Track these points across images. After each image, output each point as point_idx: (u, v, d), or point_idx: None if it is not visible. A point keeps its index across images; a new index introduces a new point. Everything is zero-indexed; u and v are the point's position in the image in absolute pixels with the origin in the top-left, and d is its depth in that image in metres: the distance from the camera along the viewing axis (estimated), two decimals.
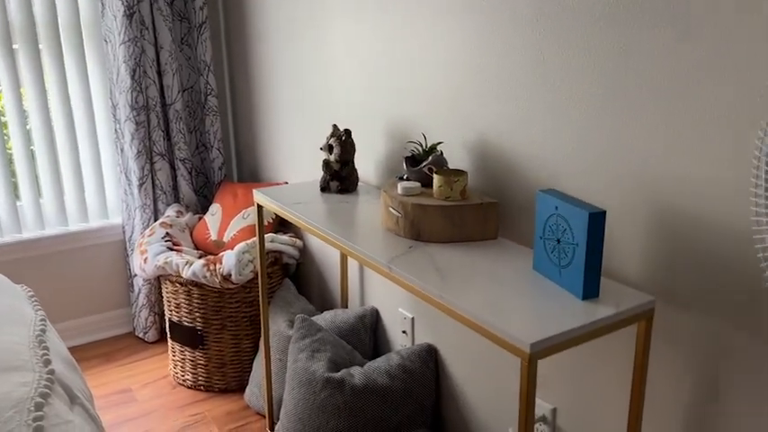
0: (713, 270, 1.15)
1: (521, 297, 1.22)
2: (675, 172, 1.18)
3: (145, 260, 2.38)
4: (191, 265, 2.27)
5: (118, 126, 2.62)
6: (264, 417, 2.24)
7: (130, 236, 2.72)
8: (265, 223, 2.47)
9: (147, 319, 2.73)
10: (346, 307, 2.28)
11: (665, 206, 1.21)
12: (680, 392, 1.25)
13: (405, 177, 1.63)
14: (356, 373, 1.88)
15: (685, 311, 1.21)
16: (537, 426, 1.58)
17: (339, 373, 1.87)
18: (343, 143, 1.81)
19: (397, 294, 2.02)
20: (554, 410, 1.53)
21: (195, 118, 2.77)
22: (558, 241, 1.23)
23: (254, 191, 1.91)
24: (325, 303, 2.42)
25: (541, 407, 1.55)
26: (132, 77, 2.50)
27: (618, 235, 1.31)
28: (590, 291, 1.20)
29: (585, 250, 1.16)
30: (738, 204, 1.09)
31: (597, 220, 1.15)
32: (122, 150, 2.64)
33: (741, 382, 1.14)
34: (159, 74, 2.60)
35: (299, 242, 2.45)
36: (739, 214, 1.09)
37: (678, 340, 1.23)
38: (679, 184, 1.18)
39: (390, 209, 1.54)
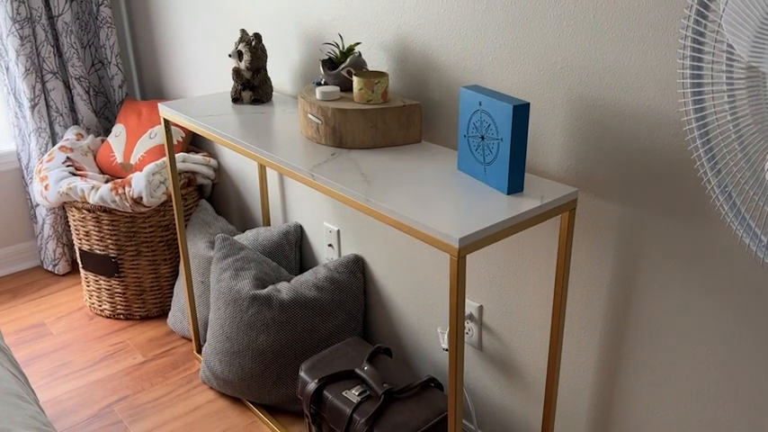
0: (636, 159, 1.17)
1: (447, 197, 1.20)
2: (601, 64, 1.17)
3: (46, 187, 2.22)
4: (97, 190, 2.13)
5: (0, 42, 2.36)
6: (190, 340, 2.20)
7: (27, 163, 2.51)
8: (174, 143, 2.33)
9: (54, 251, 2.58)
10: (269, 225, 2.22)
11: (590, 99, 1.21)
12: (600, 280, 1.29)
13: (322, 82, 1.55)
14: (283, 289, 1.85)
15: (607, 201, 1.23)
16: (464, 324, 1.61)
17: (265, 290, 1.84)
18: (253, 49, 1.70)
19: (320, 208, 1.98)
20: (480, 308, 1.57)
21: (88, 31, 2.53)
22: (483, 138, 1.21)
23: (160, 105, 1.78)
24: (245, 223, 2.36)
25: (468, 305, 1.59)
26: None
27: (542, 130, 1.31)
28: (515, 185, 1.20)
29: (510, 144, 1.15)
30: (665, 92, 1.10)
31: (521, 112, 1.13)
32: (8, 69, 2.39)
33: (658, 265, 1.19)
34: None
35: (212, 161, 2.34)
36: (665, 103, 1.10)
37: (600, 229, 1.26)
38: (604, 75, 1.17)
39: (309, 115, 1.47)
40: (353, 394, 1.56)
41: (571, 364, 1.40)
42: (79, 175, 2.26)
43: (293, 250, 2.10)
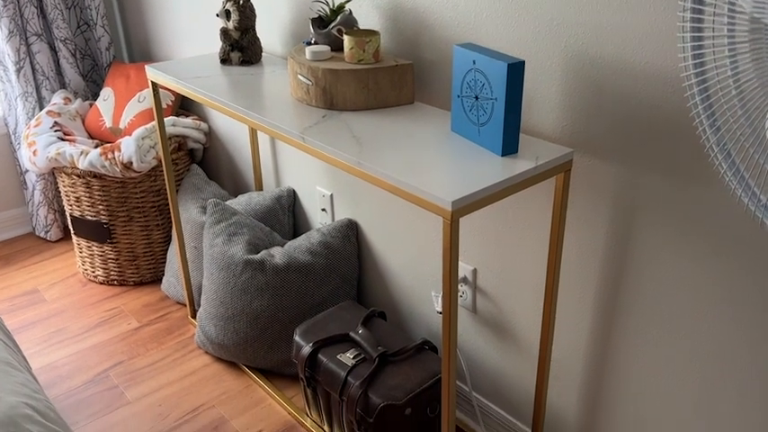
0: (633, 118, 1.15)
1: (440, 159, 1.18)
2: (598, 19, 1.14)
3: (34, 153, 2.18)
4: (86, 155, 2.09)
5: None
6: (185, 305, 2.19)
7: (14, 128, 2.47)
8: (164, 106, 2.29)
9: (46, 218, 2.55)
10: (261, 189, 2.20)
11: (586, 56, 1.18)
12: (595, 242, 1.28)
13: (312, 42, 1.51)
14: (276, 254, 1.84)
15: (603, 161, 1.21)
16: (459, 286, 1.61)
17: (259, 255, 1.83)
18: (241, 8, 1.65)
19: (313, 172, 1.96)
20: (474, 271, 1.56)
21: None
22: (477, 98, 1.19)
23: (147, 67, 1.74)
24: (238, 188, 2.33)
25: (462, 268, 1.58)
26: None
27: (537, 89, 1.28)
28: (509, 147, 1.18)
29: (504, 104, 1.12)
30: (664, 49, 1.07)
31: (516, 70, 1.10)
32: None
33: (654, 226, 1.18)
34: None
35: (203, 125, 2.30)
36: (665, 60, 1.07)
37: (595, 190, 1.24)
38: (601, 32, 1.14)
39: (299, 76, 1.44)
40: (348, 357, 1.56)
41: (565, 326, 1.40)
42: (68, 140, 2.23)
43: (286, 215, 2.08)
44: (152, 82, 1.76)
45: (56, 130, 2.24)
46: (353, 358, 1.55)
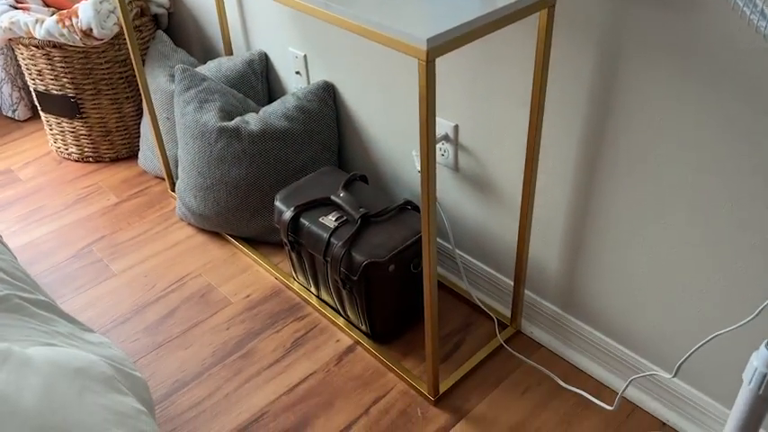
0: None
1: None
2: None
3: None
4: (42, 23, 1.96)
5: None
6: (163, 179, 2.15)
7: None
8: None
9: (11, 96, 2.44)
10: (231, 54, 2.09)
11: None
12: (580, 86, 1.22)
13: None
14: (251, 120, 1.77)
15: None
16: (440, 145, 1.56)
17: (233, 122, 1.76)
18: None
19: (284, 32, 1.85)
20: (456, 127, 1.51)
21: None
22: None
23: None
24: (207, 54, 2.21)
25: (443, 125, 1.52)
26: None
27: None
28: None
29: None
30: None
31: None
32: None
33: (643, 60, 1.12)
34: None
35: None
36: None
37: (580, 27, 1.17)
38: None
39: None
40: (330, 220, 1.54)
41: (548, 177, 1.37)
42: (21, 8, 2.08)
43: (259, 80, 1.99)
44: None
45: None
46: (335, 220, 1.54)
